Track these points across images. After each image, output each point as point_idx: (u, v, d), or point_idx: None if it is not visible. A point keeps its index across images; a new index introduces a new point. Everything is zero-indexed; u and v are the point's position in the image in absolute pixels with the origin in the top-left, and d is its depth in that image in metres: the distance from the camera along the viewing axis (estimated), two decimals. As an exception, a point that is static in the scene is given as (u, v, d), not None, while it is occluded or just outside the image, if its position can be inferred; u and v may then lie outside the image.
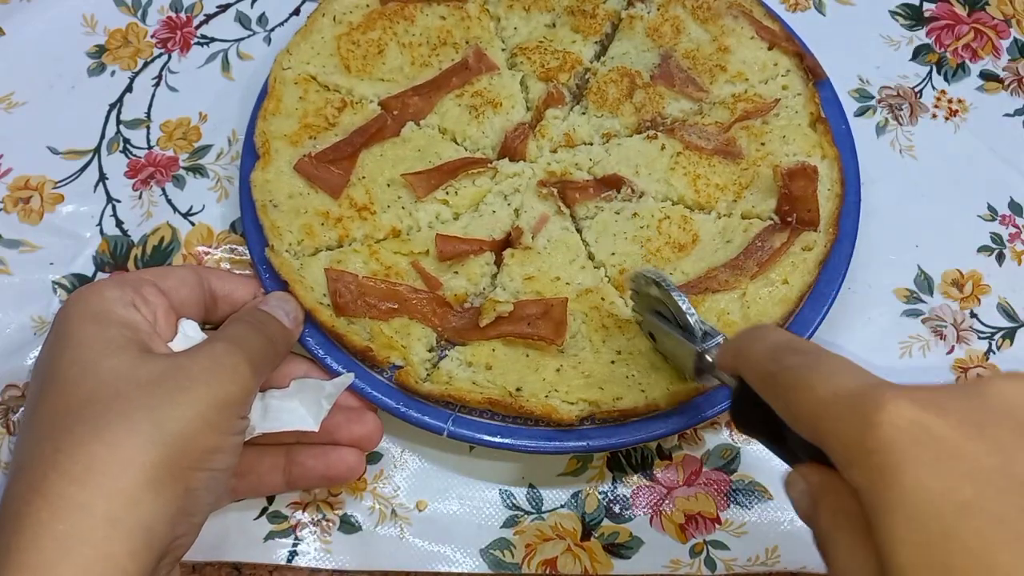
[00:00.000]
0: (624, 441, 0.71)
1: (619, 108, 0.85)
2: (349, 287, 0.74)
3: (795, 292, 0.75)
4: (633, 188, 0.81)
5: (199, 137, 0.91)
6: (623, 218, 0.80)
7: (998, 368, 0.81)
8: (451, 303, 0.76)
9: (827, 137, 0.82)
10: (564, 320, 0.74)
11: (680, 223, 0.79)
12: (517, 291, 0.76)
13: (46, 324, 0.82)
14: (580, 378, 0.72)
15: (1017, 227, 0.87)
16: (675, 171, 0.81)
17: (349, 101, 0.84)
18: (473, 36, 0.88)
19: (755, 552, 0.73)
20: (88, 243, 0.85)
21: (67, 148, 0.90)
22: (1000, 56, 0.96)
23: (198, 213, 0.87)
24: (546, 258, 0.78)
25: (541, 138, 0.84)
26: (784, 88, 0.86)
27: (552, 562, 0.73)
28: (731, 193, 0.81)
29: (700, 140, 0.83)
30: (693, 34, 0.89)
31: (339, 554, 0.73)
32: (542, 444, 0.71)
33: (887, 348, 0.81)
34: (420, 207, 0.80)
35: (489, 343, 0.74)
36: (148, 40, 0.96)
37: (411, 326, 0.74)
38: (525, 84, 0.87)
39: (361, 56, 0.86)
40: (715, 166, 0.82)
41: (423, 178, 0.81)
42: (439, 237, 0.77)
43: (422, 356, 0.74)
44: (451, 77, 0.86)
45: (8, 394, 0.79)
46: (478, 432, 0.71)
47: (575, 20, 0.89)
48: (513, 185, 0.82)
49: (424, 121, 0.85)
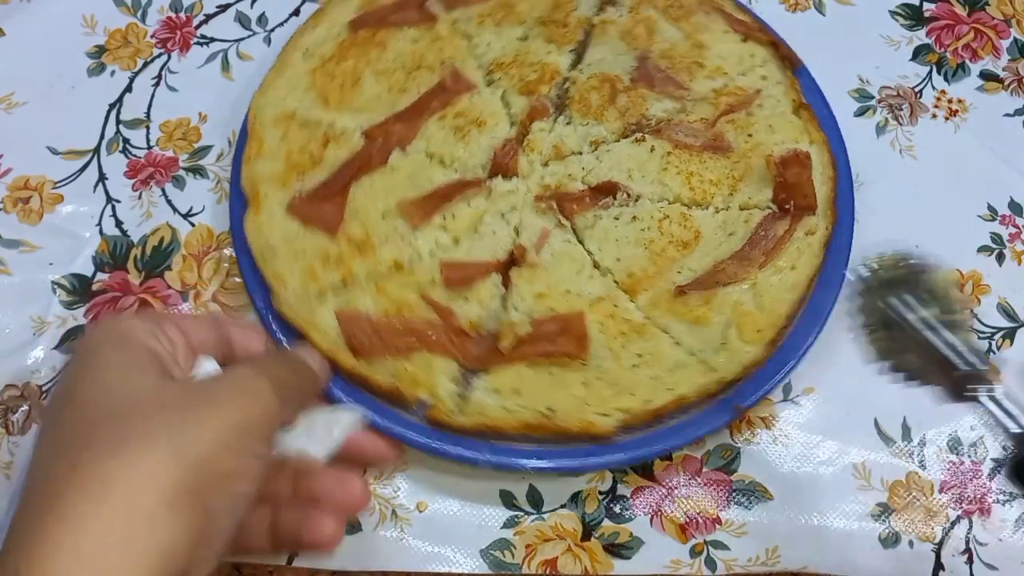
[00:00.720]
0: (666, 447, 0.71)
1: (603, 114, 0.84)
2: (363, 328, 0.72)
3: (804, 276, 0.76)
4: (628, 192, 0.80)
5: (199, 137, 0.91)
6: (623, 223, 0.80)
7: (997, 367, 0.81)
8: (467, 331, 0.74)
9: (812, 122, 0.83)
10: (585, 333, 0.73)
11: (680, 221, 0.79)
12: (530, 310, 0.75)
13: (46, 324, 0.82)
14: (608, 388, 0.71)
15: (1017, 227, 0.87)
16: (668, 171, 0.81)
17: (332, 135, 0.82)
18: (447, 56, 0.87)
19: (755, 552, 0.73)
20: (88, 243, 0.85)
21: (67, 148, 0.90)
22: (1000, 56, 0.96)
23: (198, 214, 0.87)
24: (553, 273, 0.77)
25: (531, 152, 0.83)
26: (763, 78, 0.86)
27: (552, 562, 0.73)
28: (726, 187, 0.81)
29: (688, 138, 0.83)
30: (667, 34, 0.88)
31: (339, 554, 0.73)
32: (587, 461, 0.70)
33: (887, 348, 0.81)
34: (419, 235, 0.78)
35: (513, 367, 0.72)
36: (148, 40, 0.96)
37: (432, 360, 0.72)
38: (506, 100, 0.86)
39: (338, 88, 0.84)
40: (706, 162, 0.82)
41: (418, 205, 0.79)
42: (444, 264, 0.76)
43: (448, 389, 0.72)
44: (431, 100, 0.84)
45: (8, 394, 0.79)
46: (517, 458, 0.70)
47: (547, 30, 0.88)
48: (509, 203, 0.80)
49: (410, 147, 0.83)
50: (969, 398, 0.58)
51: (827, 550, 0.73)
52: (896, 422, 0.78)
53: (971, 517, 0.75)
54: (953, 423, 0.78)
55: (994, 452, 0.77)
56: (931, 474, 0.76)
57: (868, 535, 0.74)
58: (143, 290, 0.83)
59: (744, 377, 0.72)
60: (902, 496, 0.76)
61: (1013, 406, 0.55)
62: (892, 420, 0.78)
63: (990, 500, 0.76)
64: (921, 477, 0.76)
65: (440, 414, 0.70)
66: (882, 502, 0.75)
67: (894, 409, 0.79)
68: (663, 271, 0.77)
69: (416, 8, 0.88)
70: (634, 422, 0.70)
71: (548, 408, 0.70)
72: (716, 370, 0.72)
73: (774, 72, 0.86)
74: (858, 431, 0.78)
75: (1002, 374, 0.81)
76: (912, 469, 0.77)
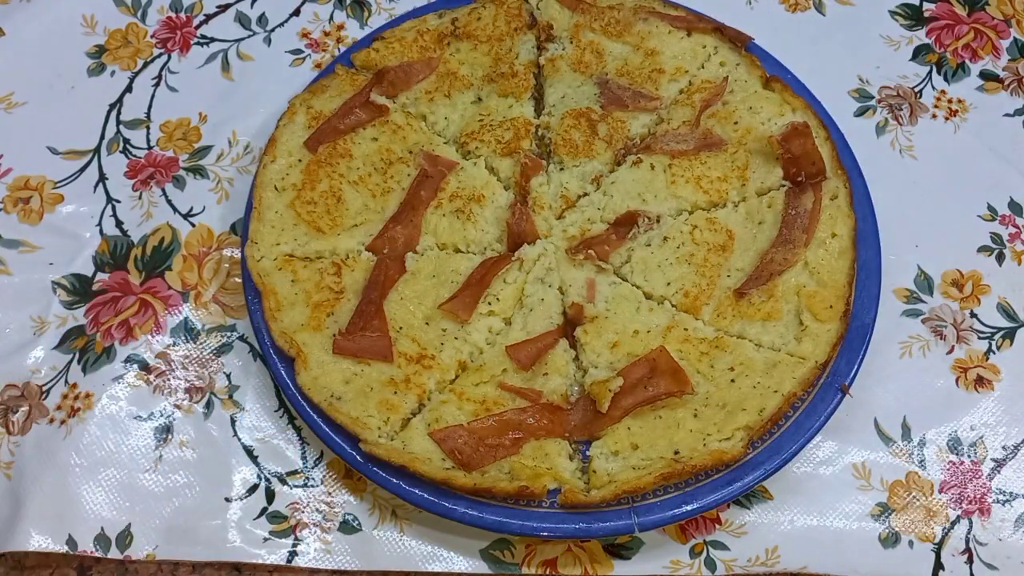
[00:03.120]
0: (793, 450, 0.70)
1: (591, 149, 0.83)
2: (464, 440, 0.70)
3: (847, 238, 0.77)
4: (648, 217, 0.80)
5: (199, 138, 0.91)
6: (657, 247, 0.79)
7: (997, 368, 0.81)
8: (560, 405, 0.73)
9: (787, 91, 0.83)
10: (677, 366, 0.72)
11: (708, 226, 0.79)
12: (611, 362, 0.74)
13: (46, 324, 0.82)
14: (719, 412, 0.70)
15: (1017, 227, 0.87)
16: (676, 183, 0.81)
17: (339, 261, 0.79)
18: (412, 143, 0.84)
19: (755, 552, 0.73)
20: (88, 243, 0.85)
21: (67, 148, 0.90)
22: (1000, 56, 0.96)
23: (199, 214, 0.87)
24: (615, 319, 0.76)
25: (541, 210, 0.81)
26: (722, 65, 0.87)
27: (552, 563, 0.73)
28: (735, 179, 0.81)
29: (679, 144, 0.82)
30: (615, 51, 0.88)
31: (339, 554, 0.73)
32: (732, 490, 0.69)
33: (887, 348, 0.81)
34: (470, 329, 0.76)
35: (621, 424, 0.71)
36: (148, 40, 0.96)
37: (542, 445, 0.71)
38: (491, 166, 0.84)
39: (324, 212, 0.81)
40: (707, 161, 0.82)
41: (459, 301, 0.76)
42: (509, 349, 0.75)
43: (570, 468, 0.70)
44: (419, 191, 0.82)
45: (8, 394, 0.79)
46: (665, 511, 0.69)
47: (498, 85, 0.86)
48: (543, 266, 0.79)
49: (420, 246, 0.80)
50: None
51: (827, 550, 0.73)
52: (896, 422, 0.78)
53: (971, 517, 0.75)
54: (953, 423, 0.78)
55: (994, 452, 0.77)
56: (931, 474, 0.76)
57: (868, 535, 0.74)
58: (143, 290, 0.83)
59: (834, 355, 0.73)
60: (902, 496, 0.76)
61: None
62: (892, 420, 0.78)
63: (990, 500, 0.76)
64: (921, 477, 0.76)
65: (574, 497, 0.68)
66: (882, 502, 0.75)
67: (894, 409, 0.79)
68: (714, 280, 0.77)
69: (362, 106, 0.85)
70: (757, 435, 0.69)
71: (674, 452, 0.69)
72: (808, 357, 0.72)
73: (729, 55, 0.87)
74: (858, 431, 0.78)
75: (1002, 374, 0.81)
76: (912, 469, 0.77)
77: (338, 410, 0.71)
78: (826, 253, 0.76)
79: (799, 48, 0.88)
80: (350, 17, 0.98)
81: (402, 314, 0.76)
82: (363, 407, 0.71)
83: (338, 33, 0.97)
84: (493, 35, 0.88)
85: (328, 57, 0.95)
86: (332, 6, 0.98)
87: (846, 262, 0.75)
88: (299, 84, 0.88)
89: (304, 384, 0.72)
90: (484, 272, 0.78)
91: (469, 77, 0.87)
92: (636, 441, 0.70)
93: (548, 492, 0.69)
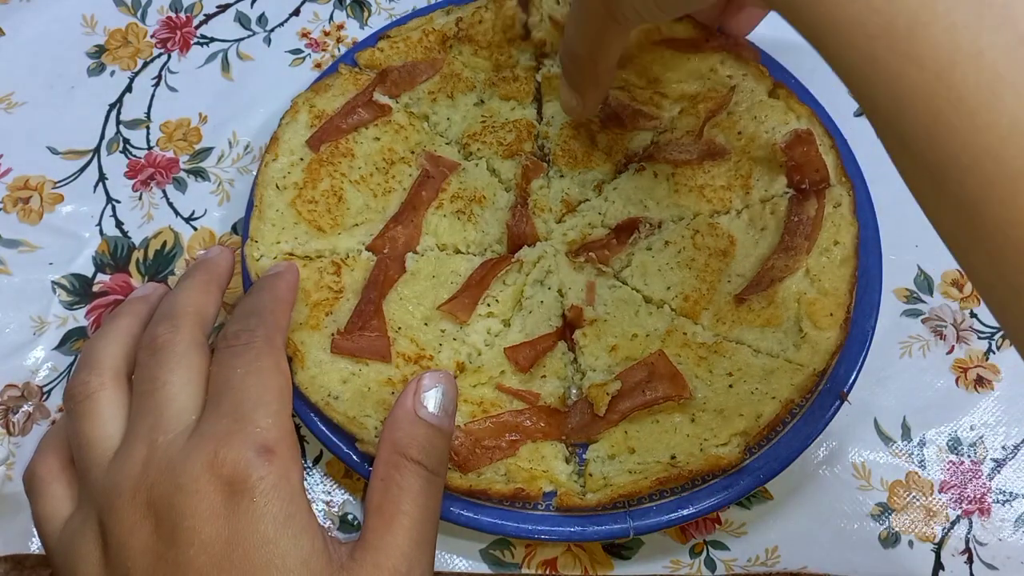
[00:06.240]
0: (791, 456, 0.70)
1: (591, 160, 0.83)
2: (460, 441, 0.70)
3: (849, 246, 0.75)
4: (650, 223, 0.80)
5: (199, 139, 0.91)
6: (657, 251, 0.78)
7: (997, 368, 0.81)
8: (558, 407, 0.73)
9: (792, 98, 0.82)
10: (675, 370, 0.71)
11: (710, 231, 0.78)
12: (609, 366, 0.74)
13: (46, 324, 0.82)
14: (716, 417, 0.70)
15: (1017, 227, 0.87)
16: (679, 192, 0.80)
17: (339, 261, 0.78)
18: (415, 143, 0.84)
19: (755, 552, 0.73)
20: (87, 243, 0.85)
21: (67, 148, 0.90)
22: (1000, 56, 0.96)
23: (200, 218, 0.87)
24: (614, 323, 0.76)
25: (542, 213, 0.81)
26: (729, 76, 0.85)
27: (552, 562, 0.73)
28: (739, 188, 0.80)
29: (683, 154, 0.82)
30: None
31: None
32: (728, 495, 0.69)
33: (887, 348, 0.81)
34: (469, 331, 0.76)
35: (618, 428, 0.71)
36: (148, 40, 0.96)
37: (539, 448, 0.71)
38: (493, 168, 0.84)
39: (325, 211, 0.80)
40: (710, 170, 0.81)
41: (458, 302, 0.76)
42: (508, 351, 0.74)
43: (566, 471, 0.70)
44: (420, 192, 0.81)
45: (8, 394, 0.79)
46: (662, 515, 0.68)
47: (500, 89, 0.86)
48: (543, 269, 0.79)
49: (420, 247, 0.80)
50: None
51: (827, 550, 0.73)
52: (896, 422, 0.78)
53: (971, 517, 0.75)
54: (953, 423, 0.78)
55: (994, 452, 0.77)
56: (931, 474, 0.77)
57: (868, 535, 0.74)
58: (144, 291, 0.83)
59: (833, 363, 0.72)
60: (902, 496, 0.76)
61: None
62: (892, 420, 0.79)
63: (990, 500, 0.76)
64: (921, 477, 0.76)
65: (570, 500, 0.68)
66: (882, 502, 0.75)
67: (894, 409, 0.79)
68: (714, 285, 0.76)
69: (365, 105, 0.85)
70: (754, 441, 0.69)
71: (671, 457, 0.69)
72: (806, 365, 0.71)
73: (736, 68, 0.85)
74: (858, 431, 0.78)
75: (1002, 374, 0.81)
76: (912, 469, 0.77)
77: (335, 409, 0.70)
78: (828, 261, 0.75)
79: (799, 48, 0.88)
80: (350, 17, 0.98)
81: (401, 314, 0.76)
82: (360, 407, 0.71)
83: (338, 33, 0.97)
84: (492, 41, 0.87)
85: (328, 57, 0.95)
86: (332, 6, 0.98)
87: (848, 270, 0.75)
88: (299, 84, 0.88)
89: (301, 383, 0.71)
90: (484, 273, 0.77)
91: (471, 80, 0.87)
92: (633, 445, 0.70)
93: (544, 495, 0.69)
